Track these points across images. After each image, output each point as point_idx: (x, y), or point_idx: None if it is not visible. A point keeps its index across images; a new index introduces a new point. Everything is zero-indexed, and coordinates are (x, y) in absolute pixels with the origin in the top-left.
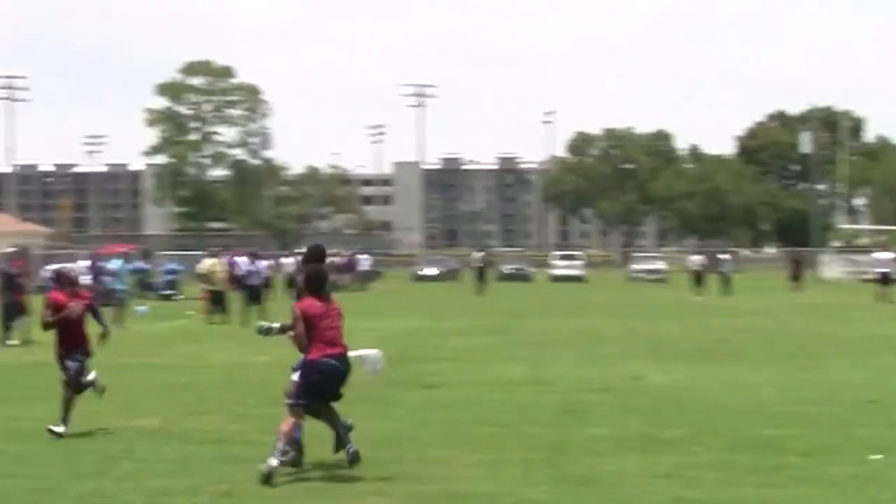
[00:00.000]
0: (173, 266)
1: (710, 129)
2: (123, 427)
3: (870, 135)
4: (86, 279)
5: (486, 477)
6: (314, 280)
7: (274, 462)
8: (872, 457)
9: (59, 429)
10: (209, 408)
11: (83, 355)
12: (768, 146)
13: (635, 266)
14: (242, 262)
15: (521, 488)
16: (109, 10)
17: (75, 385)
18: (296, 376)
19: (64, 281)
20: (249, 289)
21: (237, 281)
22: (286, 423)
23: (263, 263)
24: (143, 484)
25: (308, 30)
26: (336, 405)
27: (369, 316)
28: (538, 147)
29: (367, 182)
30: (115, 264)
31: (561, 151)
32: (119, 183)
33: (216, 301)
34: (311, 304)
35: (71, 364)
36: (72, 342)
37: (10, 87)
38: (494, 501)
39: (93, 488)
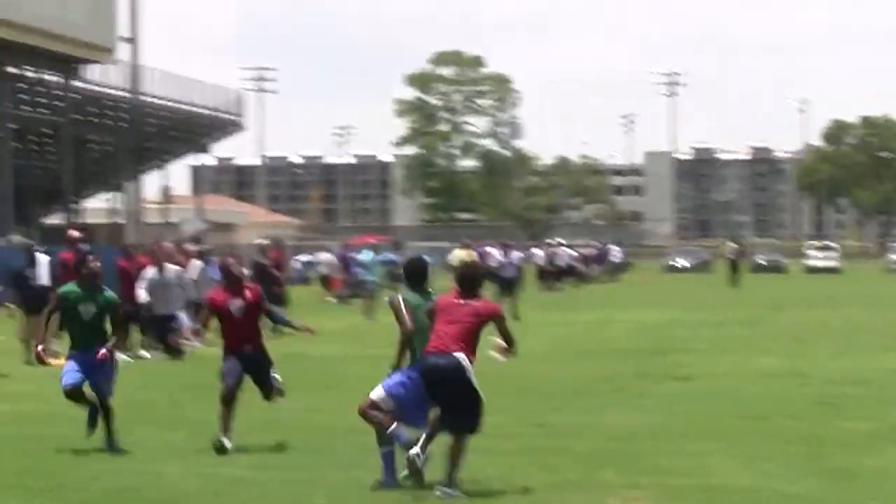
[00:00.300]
0: (424, 257)
1: None
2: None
3: None
4: (332, 268)
5: (744, 471)
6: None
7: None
8: None
9: (224, 442)
10: None
11: (247, 356)
12: None
13: (893, 257)
14: (495, 253)
15: (781, 483)
16: (359, 2)
17: (222, 388)
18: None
19: (226, 276)
20: (502, 280)
21: (489, 272)
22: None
23: (516, 254)
24: (399, 475)
25: (559, 18)
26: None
27: (620, 307)
28: (792, 136)
29: (618, 172)
30: (365, 255)
31: (816, 140)
32: (368, 174)
33: None
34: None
35: (225, 364)
36: (232, 341)
37: (259, 80)
38: (753, 496)
39: (348, 479)
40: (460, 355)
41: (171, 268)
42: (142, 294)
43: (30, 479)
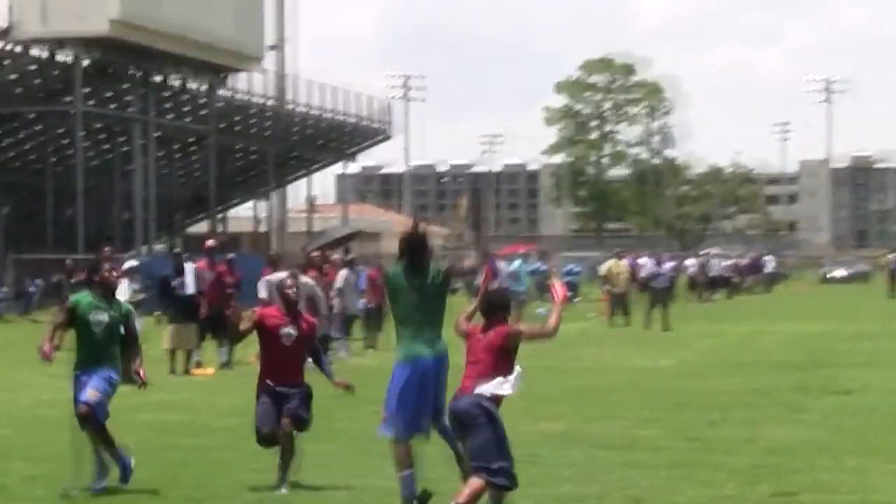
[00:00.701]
0: (572, 267)
1: None
2: (527, 431)
3: None
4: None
5: None
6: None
7: None
8: None
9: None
10: (614, 412)
11: (282, 394)
12: None
13: None
14: (647, 263)
15: None
16: (507, 9)
17: (258, 434)
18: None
19: (284, 301)
20: (654, 291)
21: (641, 283)
22: None
23: (668, 265)
24: (550, 489)
25: (711, 25)
26: None
27: (774, 319)
28: None
29: (773, 181)
30: (514, 265)
31: None
32: (516, 183)
33: (618, 303)
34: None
35: (259, 407)
36: (270, 372)
37: (406, 87)
38: None
39: None
40: (476, 397)
41: (303, 278)
42: (261, 291)
43: (175, 489)
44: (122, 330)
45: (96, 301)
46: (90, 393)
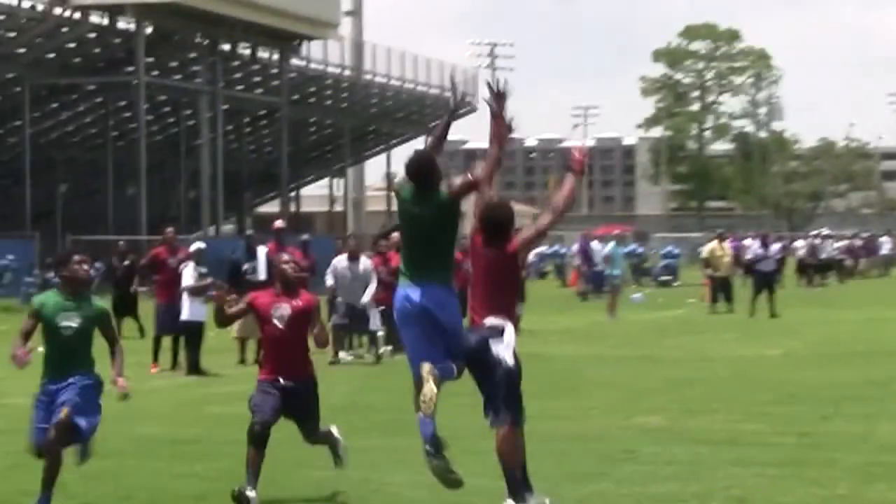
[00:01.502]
0: (671, 249)
1: None
2: (623, 426)
3: None
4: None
5: None
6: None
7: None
8: None
9: (249, 495)
10: (716, 405)
11: (286, 388)
12: None
13: None
14: (752, 245)
15: None
16: None
17: (250, 431)
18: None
19: (280, 278)
20: (759, 275)
21: (745, 266)
22: None
23: (775, 247)
24: (649, 488)
25: None
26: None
27: (891, 304)
28: None
29: (889, 156)
30: (608, 247)
31: None
32: (610, 158)
33: (720, 288)
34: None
35: (256, 396)
36: (269, 362)
37: (493, 56)
38: None
39: (593, 491)
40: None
41: (364, 260)
42: (328, 279)
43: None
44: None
45: (64, 301)
46: (67, 404)
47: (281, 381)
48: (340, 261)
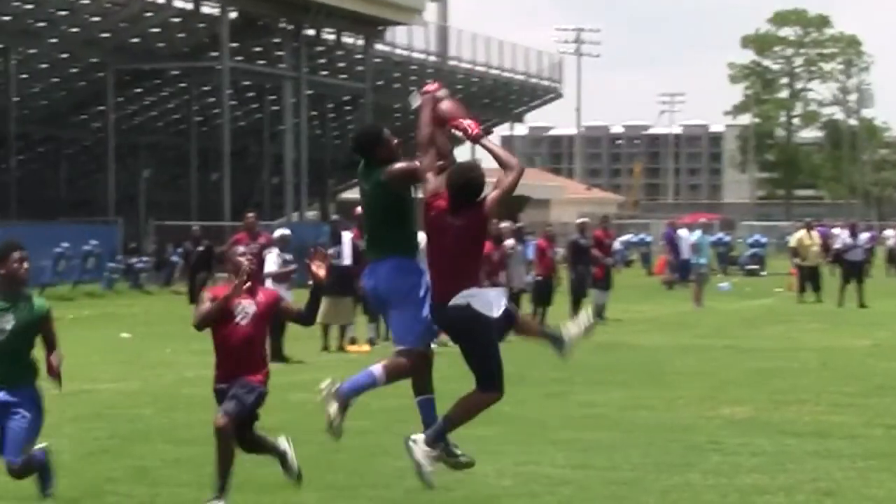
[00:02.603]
0: (758, 238)
1: None
2: (709, 416)
3: None
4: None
5: None
6: None
7: None
8: None
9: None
10: (804, 396)
11: (239, 395)
12: None
13: None
14: (840, 234)
15: None
16: None
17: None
18: None
19: (234, 267)
20: (848, 264)
21: (834, 255)
22: None
23: (864, 236)
24: (735, 480)
25: None
26: None
27: None
28: None
29: None
30: (694, 236)
31: None
32: (697, 146)
33: (808, 278)
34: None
35: (224, 401)
36: (226, 366)
37: (579, 41)
38: None
39: (679, 482)
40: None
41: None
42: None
43: (329, 474)
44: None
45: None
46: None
47: (237, 387)
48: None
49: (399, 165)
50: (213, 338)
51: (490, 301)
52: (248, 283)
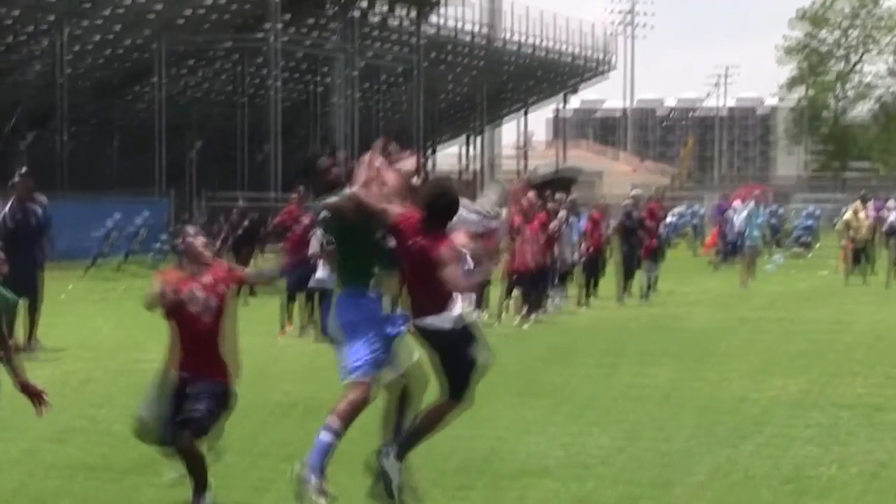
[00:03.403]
0: (810, 213)
1: None
2: (762, 390)
3: None
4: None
5: None
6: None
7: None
8: None
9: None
10: (857, 370)
11: (196, 393)
12: None
13: None
14: (893, 209)
15: None
16: None
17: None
18: None
19: (188, 254)
20: None
21: (887, 231)
22: None
23: None
24: (788, 452)
25: None
26: None
27: None
28: None
29: None
30: (746, 210)
31: None
32: (748, 121)
33: (860, 252)
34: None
35: (149, 398)
36: (186, 357)
37: (631, 16)
38: None
39: (731, 455)
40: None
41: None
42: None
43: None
44: None
45: None
46: None
47: (189, 384)
48: None
49: (332, 199)
50: (170, 327)
51: (459, 314)
52: (203, 269)
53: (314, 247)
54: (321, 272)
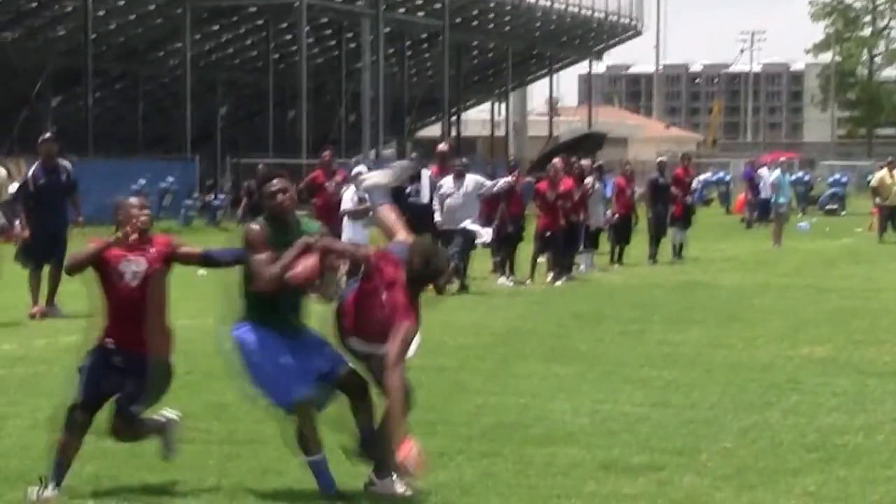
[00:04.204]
0: (839, 177)
1: None
2: (788, 355)
3: None
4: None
5: None
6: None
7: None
8: None
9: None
10: (884, 336)
11: (122, 360)
12: None
13: None
14: None
15: None
16: None
17: (71, 406)
18: None
19: (125, 219)
20: None
21: None
22: None
23: None
24: (815, 419)
25: None
26: None
27: None
28: None
29: None
30: (774, 175)
31: None
32: (777, 84)
33: (889, 217)
34: None
35: (86, 363)
36: (111, 328)
37: None
38: None
39: (757, 421)
40: None
41: (470, 179)
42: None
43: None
44: None
45: None
46: None
47: (118, 356)
48: (446, 182)
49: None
50: (101, 296)
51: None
52: (139, 237)
53: (346, 204)
54: (354, 231)
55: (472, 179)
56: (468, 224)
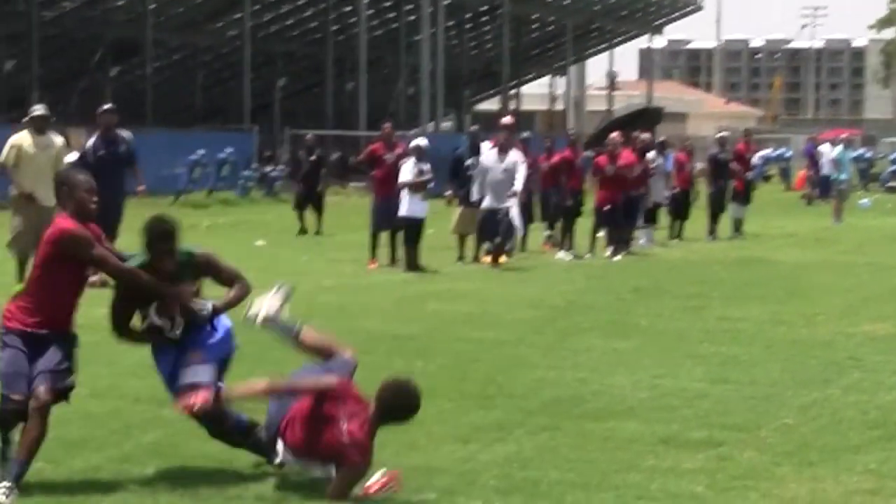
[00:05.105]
0: None
1: None
2: (849, 333)
3: None
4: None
5: None
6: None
7: None
8: None
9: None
10: None
11: (40, 345)
12: None
13: None
14: None
15: None
16: None
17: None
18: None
19: (77, 204)
20: None
21: None
22: None
23: None
24: (876, 397)
25: None
26: None
27: None
28: None
29: None
30: (835, 151)
31: None
32: (838, 60)
33: None
34: None
35: (5, 354)
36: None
37: None
38: None
39: (818, 398)
40: None
41: (513, 154)
42: (475, 183)
43: (465, 384)
44: None
45: None
46: None
47: (37, 331)
48: (490, 155)
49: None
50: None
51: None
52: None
53: (404, 176)
54: (412, 204)
55: (514, 157)
56: (514, 213)
